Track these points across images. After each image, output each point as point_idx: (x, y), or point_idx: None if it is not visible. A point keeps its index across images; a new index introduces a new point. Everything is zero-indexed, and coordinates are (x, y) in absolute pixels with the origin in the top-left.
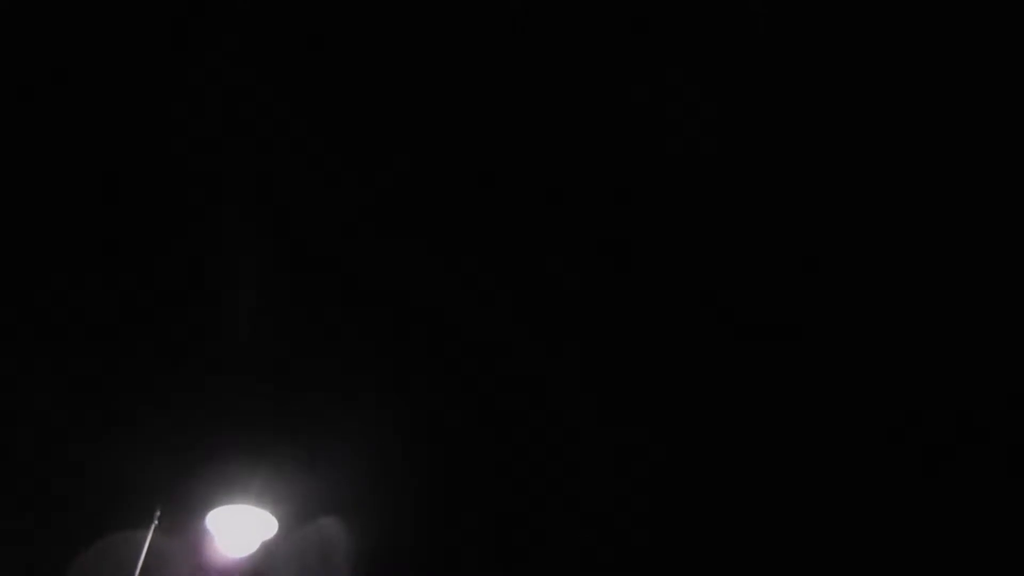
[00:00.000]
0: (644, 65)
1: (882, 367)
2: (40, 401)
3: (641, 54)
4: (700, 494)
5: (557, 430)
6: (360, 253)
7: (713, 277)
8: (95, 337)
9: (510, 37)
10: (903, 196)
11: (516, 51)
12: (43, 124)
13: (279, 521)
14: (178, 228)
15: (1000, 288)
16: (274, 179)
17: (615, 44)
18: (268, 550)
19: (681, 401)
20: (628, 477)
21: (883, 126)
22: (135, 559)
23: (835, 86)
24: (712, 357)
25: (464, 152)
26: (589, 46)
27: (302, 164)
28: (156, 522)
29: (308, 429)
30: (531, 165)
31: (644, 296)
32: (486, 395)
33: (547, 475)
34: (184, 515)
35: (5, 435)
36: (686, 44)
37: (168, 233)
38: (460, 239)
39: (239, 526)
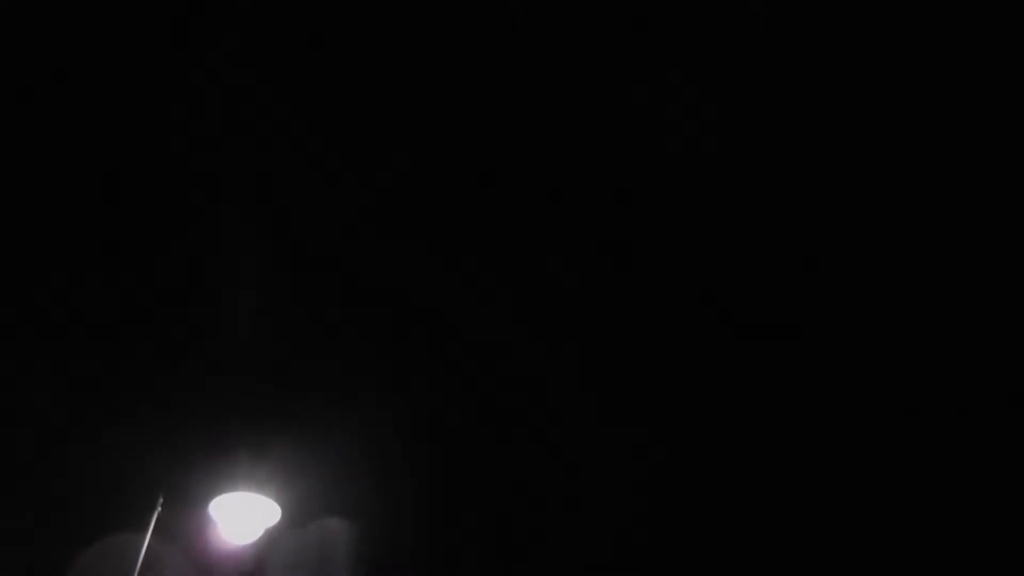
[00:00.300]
0: (644, 65)
1: (883, 367)
2: (40, 400)
3: (641, 54)
4: (700, 494)
5: (557, 430)
6: (360, 253)
7: (713, 277)
8: (95, 337)
9: (510, 37)
10: (903, 196)
11: (516, 51)
12: (43, 124)
13: (282, 509)
14: (178, 228)
15: (1000, 288)
16: (274, 179)
17: (615, 44)
18: (271, 538)
19: (681, 401)
20: (628, 477)
21: (883, 126)
22: (139, 548)
23: (835, 86)
24: (712, 357)
25: (464, 152)
26: (589, 46)
27: (302, 164)
28: (159, 509)
29: (308, 422)
30: (531, 165)
31: (644, 296)
32: (486, 395)
33: (547, 475)
34: (187, 503)
35: (5, 435)
36: (686, 44)
37: (168, 233)
38: (460, 239)
39: (242, 514)
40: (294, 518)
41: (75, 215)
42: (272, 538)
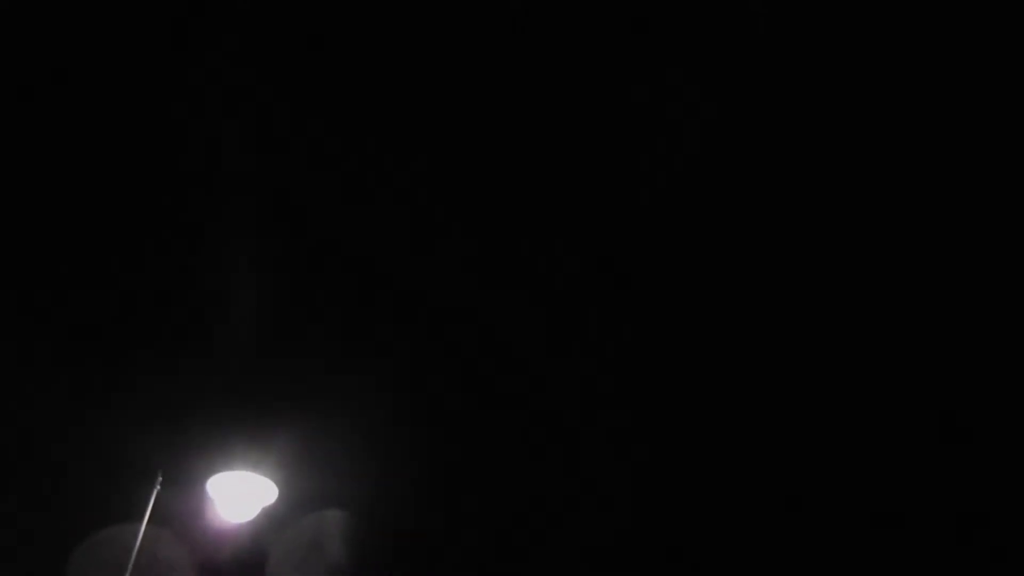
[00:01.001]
0: (644, 65)
1: (902, 371)
2: (38, 383)
3: (641, 54)
4: (701, 493)
5: (558, 430)
6: (358, 246)
7: (712, 276)
8: (94, 333)
9: (510, 37)
10: (905, 197)
11: (516, 51)
12: (43, 124)
13: (279, 488)
14: (177, 227)
15: (1000, 289)
16: (274, 179)
17: (615, 44)
18: (268, 517)
19: (682, 398)
20: (631, 476)
21: (885, 127)
22: (138, 527)
23: (837, 86)
24: (712, 354)
25: (463, 152)
26: (589, 46)
27: (302, 164)
28: (158, 488)
29: (307, 401)
30: (530, 165)
31: (644, 295)
32: (486, 379)
33: (548, 474)
34: (185, 482)
35: (5, 413)
36: (686, 44)
37: (167, 231)
38: (458, 239)
39: (239, 493)
40: (291, 497)
41: (75, 215)
42: (269, 517)
